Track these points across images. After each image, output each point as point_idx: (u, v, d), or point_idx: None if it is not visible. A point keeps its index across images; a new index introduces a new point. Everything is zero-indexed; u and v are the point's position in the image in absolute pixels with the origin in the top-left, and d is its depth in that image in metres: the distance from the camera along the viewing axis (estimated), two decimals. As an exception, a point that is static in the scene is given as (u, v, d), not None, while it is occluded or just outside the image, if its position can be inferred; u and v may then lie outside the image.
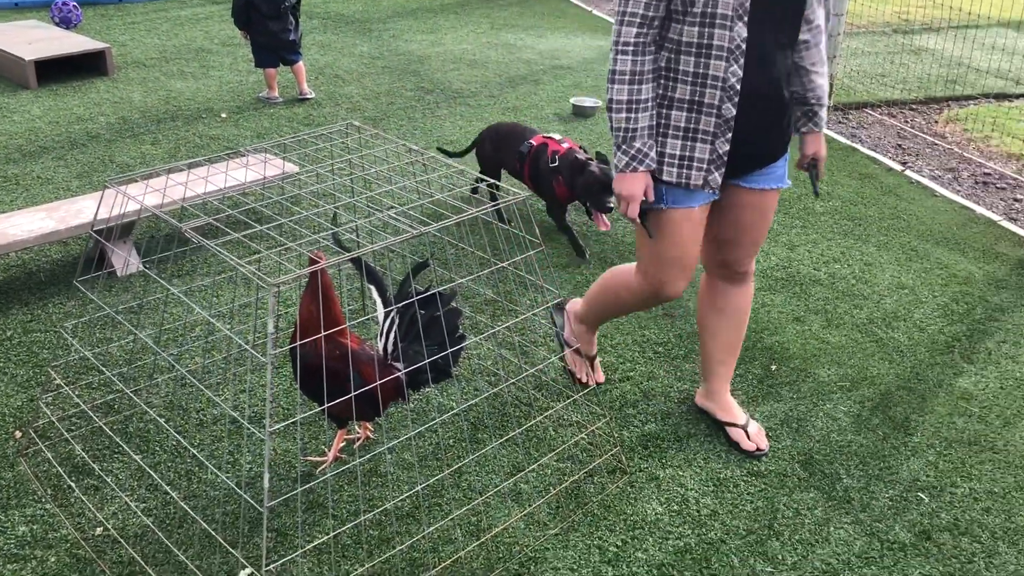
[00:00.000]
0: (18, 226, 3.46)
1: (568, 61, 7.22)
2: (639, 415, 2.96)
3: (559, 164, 3.91)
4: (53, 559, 2.31)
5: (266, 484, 1.97)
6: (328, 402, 2.39)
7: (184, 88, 6.14)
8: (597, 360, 3.09)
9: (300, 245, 3.82)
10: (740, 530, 2.51)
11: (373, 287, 2.63)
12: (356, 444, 2.74)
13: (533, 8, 9.15)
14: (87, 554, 2.33)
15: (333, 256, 2.98)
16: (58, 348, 3.18)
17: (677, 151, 2.32)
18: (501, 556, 2.38)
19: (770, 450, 2.82)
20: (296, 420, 2.81)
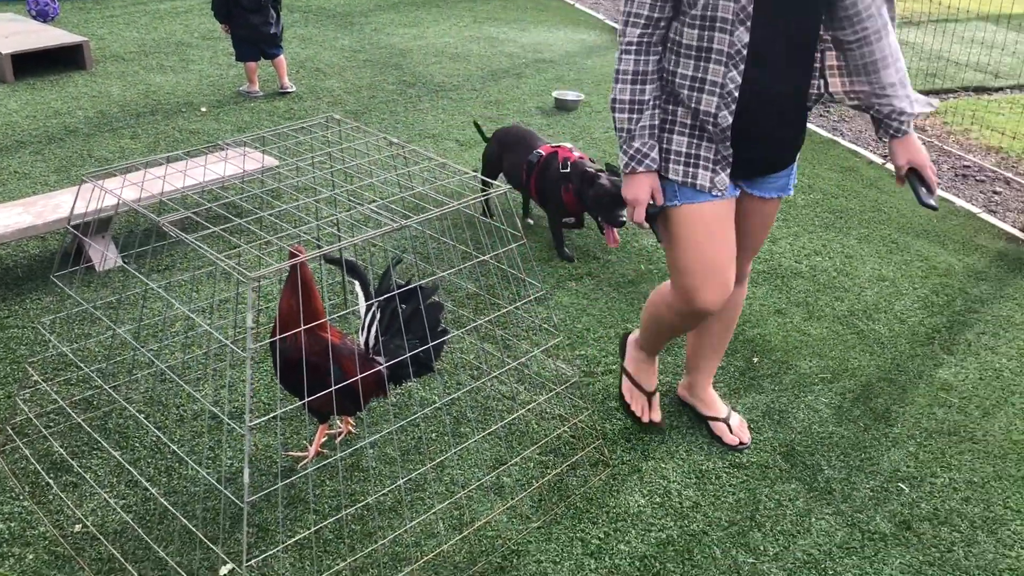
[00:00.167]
0: (-6, 221, 3.42)
1: (550, 55, 7.21)
2: (621, 408, 2.96)
3: (571, 171, 3.75)
4: (31, 556, 2.29)
5: (246, 479, 1.96)
6: (308, 396, 2.38)
7: (163, 82, 6.09)
8: (656, 397, 2.83)
9: (280, 239, 3.80)
10: (722, 521, 2.51)
11: (356, 281, 2.62)
12: (338, 439, 2.73)
13: (516, 2, 9.14)
14: (66, 551, 2.31)
15: (313, 250, 2.96)
16: (35, 344, 3.15)
17: (683, 148, 2.24)
18: (484, 549, 2.38)
19: (752, 442, 2.82)
20: (276, 415, 2.80)
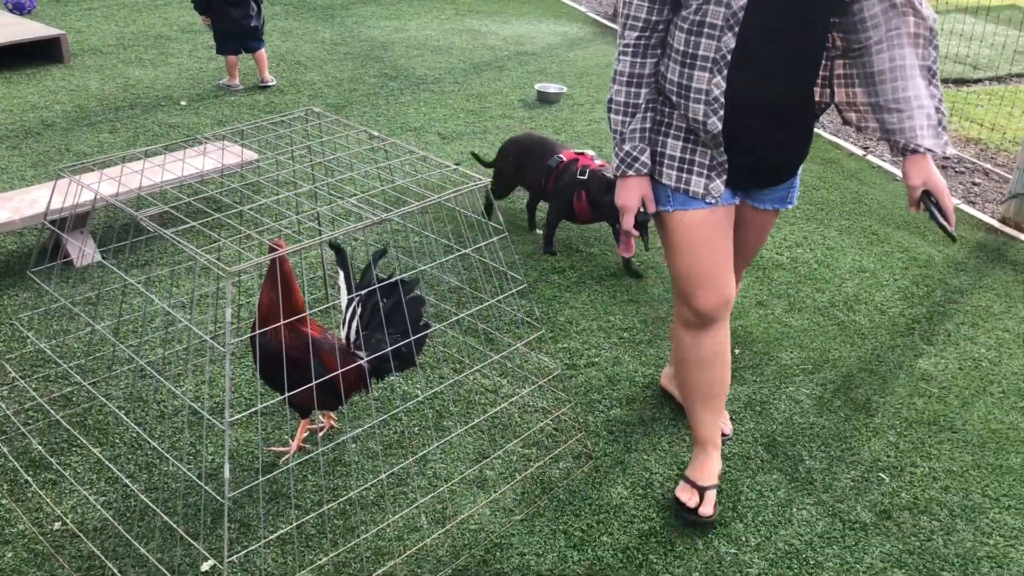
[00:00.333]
0: (-30, 216, 3.38)
1: (532, 47, 7.19)
2: (604, 400, 2.96)
3: (588, 178, 3.67)
4: (10, 555, 2.27)
5: (227, 475, 1.95)
6: (289, 391, 2.36)
7: (142, 75, 6.04)
8: (711, 493, 2.50)
9: (260, 233, 3.77)
10: (704, 513, 2.52)
11: (342, 273, 2.61)
12: (320, 434, 2.72)
13: (497, -6, 9.11)
14: (45, 549, 2.29)
15: (293, 244, 2.94)
16: (13, 341, 3.12)
17: (677, 152, 2.18)
18: (467, 543, 2.38)
19: (733, 433, 2.84)
20: (257, 410, 2.78)
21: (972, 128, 5.83)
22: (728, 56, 2.02)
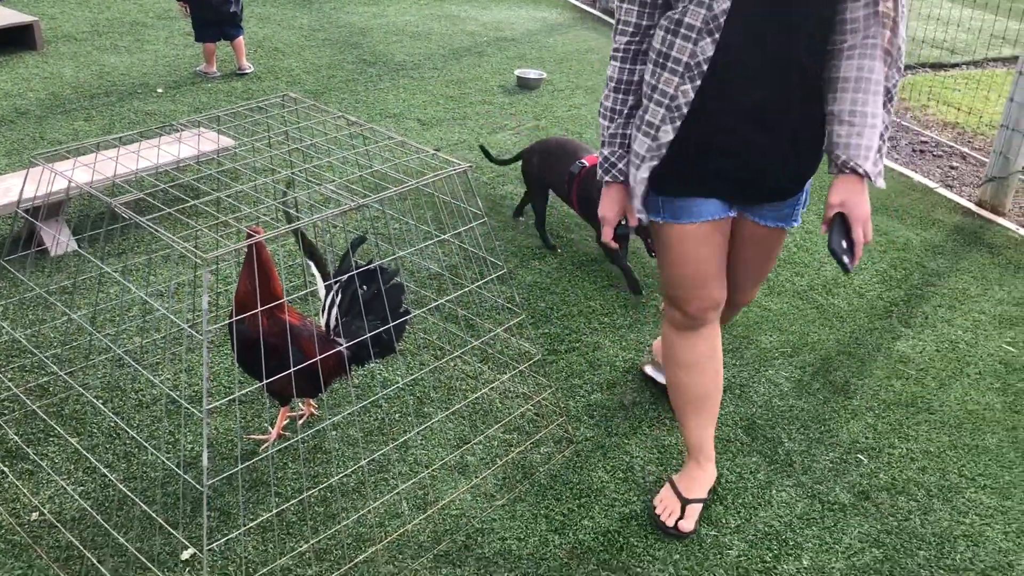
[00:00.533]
0: (-58, 206, 3.34)
1: (512, 33, 7.16)
2: (585, 385, 2.97)
3: None
4: (-14, 546, 2.25)
5: (205, 462, 1.94)
6: (267, 378, 2.35)
7: (118, 63, 5.97)
8: (692, 507, 2.44)
9: (238, 220, 3.74)
10: (685, 496, 2.53)
11: (312, 262, 2.60)
12: (300, 421, 2.71)
13: (476, -20, 9.05)
14: (23, 540, 2.27)
15: (272, 230, 2.91)
16: (-12, 331, 3.09)
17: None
18: (448, 528, 2.38)
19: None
20: (235, 398, 2.77)
21: (949, 112, 5.87)
22: (704, 65, 1.94)
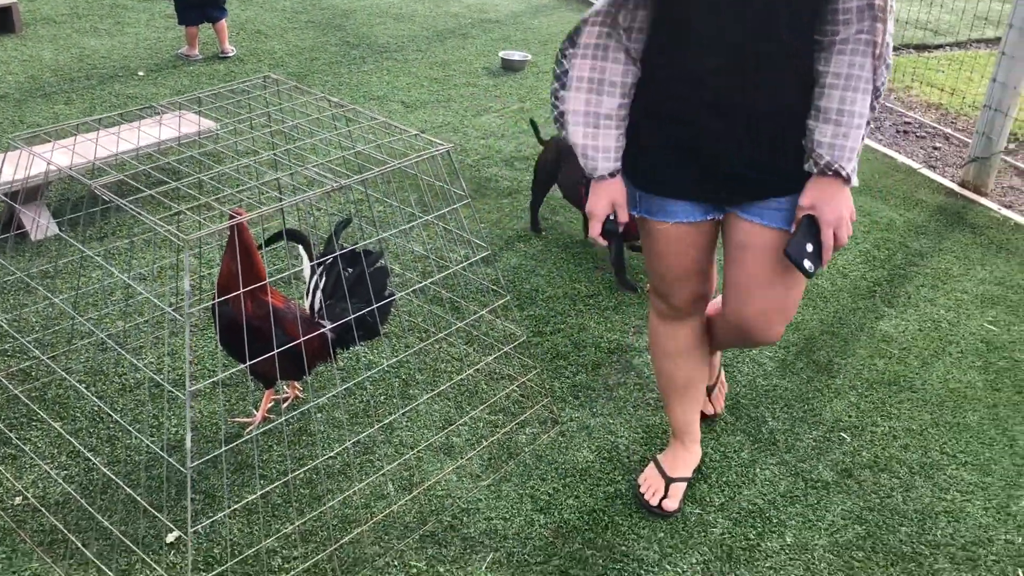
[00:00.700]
0: (-80, 190, 3.30)
1: (496, 15, 7.12)
2: (570, 366, 2.97)
3: None
4: (-31, 531, 2.24)
5: (188, 444, 1.93)
6: (251, 360, 2.34)
7: (98, 45, 5.90)
8: (676, 486, 2.46)
9: (220, 201, 3.72)
10: (669, 475, 2.54)
11: (299, 245, 2.59)
12: (284, 404, 2.70)
13: (460, -39, 8.99)
14: (6, 524, 2.26)
15: (253, 211, 2.89)
16: (-31, 316, 3.06)
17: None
18: (434, 509, 2.38)
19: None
20: (218, 380, 2.76)
21: (933, 93, 5.88)
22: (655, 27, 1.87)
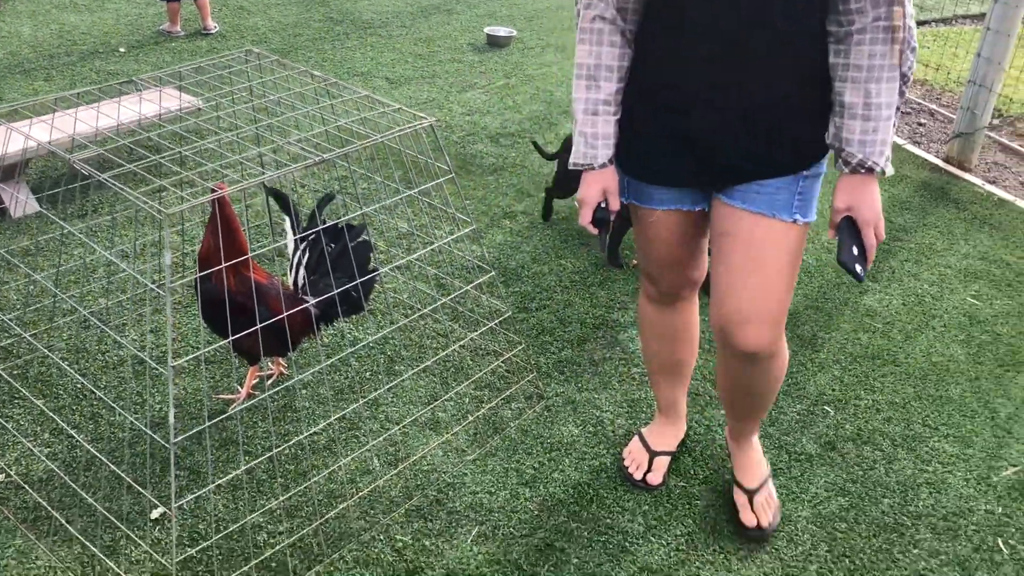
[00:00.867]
0: (-102, 166, 3.26)
1: (482, -9, 7.07)
2: (556, 342, 2.98)
3: None
4: (-48, 508, 2.23)
5: (171, 420, 1.92)
6: (233, 335, 2.33)
7: (79, 21, 5.83)
8: (660, 460, 2.45)
9: (202, 176, 3.69)
10: (654, 448, 2.55)
11: (287, 217, 2.57)
12: (269, 381, 2.70)
13: (445, -63, 8.91)
14: (-11, 502, 2.25)
15: (235, 185, 2.87)
16: (-51, 293, 3.03)
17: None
18: (419, 483, 2.38)
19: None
20: (201, 355, 2.75)
21: (918, 69, 5.88)
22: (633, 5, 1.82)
